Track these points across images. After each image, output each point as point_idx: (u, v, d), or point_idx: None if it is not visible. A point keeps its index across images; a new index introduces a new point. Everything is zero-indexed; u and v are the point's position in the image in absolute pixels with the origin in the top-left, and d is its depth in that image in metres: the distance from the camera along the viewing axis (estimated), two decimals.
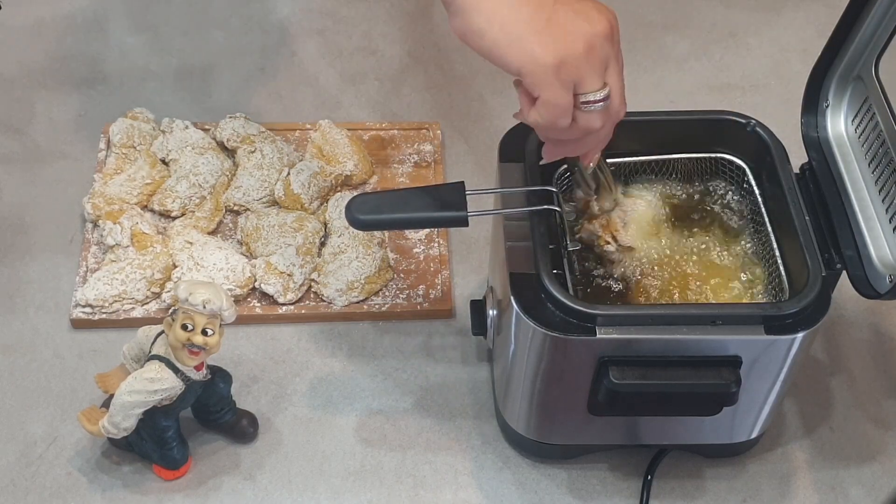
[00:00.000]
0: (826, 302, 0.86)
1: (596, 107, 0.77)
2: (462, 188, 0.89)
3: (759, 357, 0.87)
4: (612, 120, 0.80)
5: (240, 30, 1.44)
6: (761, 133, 0.96)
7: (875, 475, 1.03)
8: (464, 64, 1.40)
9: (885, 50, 0.90)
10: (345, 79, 1.38)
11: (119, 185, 1.19)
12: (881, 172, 0.91)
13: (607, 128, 0.81)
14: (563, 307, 0.85)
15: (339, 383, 1.08)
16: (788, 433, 1.06)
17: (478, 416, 1.06)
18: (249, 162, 1.21)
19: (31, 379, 1.07)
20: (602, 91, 0.77)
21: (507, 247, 0.90)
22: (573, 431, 0.99)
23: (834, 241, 0.91)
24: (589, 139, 0.81)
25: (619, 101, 0.79)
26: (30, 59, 1.38)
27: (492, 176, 0.99)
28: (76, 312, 1.10)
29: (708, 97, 1.37)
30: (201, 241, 1.14)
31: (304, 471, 1.02)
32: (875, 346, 1.13)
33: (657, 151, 0.99)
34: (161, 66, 1.38)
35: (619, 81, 0.79)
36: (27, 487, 0.99)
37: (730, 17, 1.48)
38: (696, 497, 1.01)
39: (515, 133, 0.97)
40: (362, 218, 0.88)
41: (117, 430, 0.93)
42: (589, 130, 0.79)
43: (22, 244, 1.18)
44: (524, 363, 0.90)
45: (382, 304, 1.13)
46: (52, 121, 1.31)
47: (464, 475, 1.02)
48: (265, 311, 1.12)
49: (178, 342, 0.90)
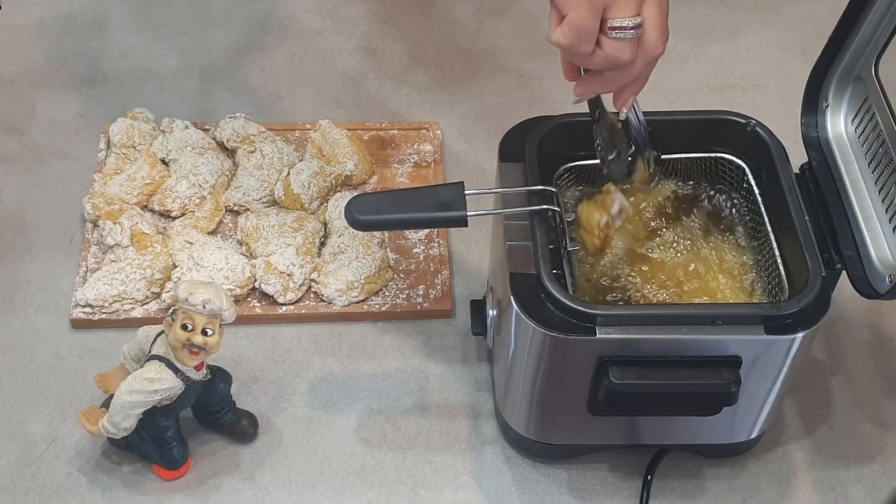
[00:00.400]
0: (826, 302, 0.86)
1: (625, 34, 0.73)
2: (461, 188, 0.89)
3: (759, 357, 0.87)
4: (645, 56, 0.75)
5: (240, 30, 1.44)
6: (761, 133, 0.96)
7: (875, 475, 1.03)
8: (464, 64, 1.40)
9: (885, 50, 0.90)
10: (345, 79, 1.38)
11: (119, 185, 1.19)
12: (881, 172, 0.91)
13: (639, 64, 0.76)
14: (563, 307, 0.85)
15: (339, 383, 1.08)
16: (788, 433, 1.06)
17: (478, 416, 1.06)
18: (249, 162, 1.21)
19: (31, 379, 1.07)
20: (633, 19, 0.72)
21: (507, 247, 0.90)
22: (573, 431, 0.99)
23: (834, 241, 0.91)
24: (618, 75, 0.77)
25: (656, 37, 0.75)
26: (30, 59, 1.38)
27: (492, 176, 0.99)
28: (76, 312, 1.10)
29: (708, 97, 1.37)
30: (201, 241, 1.14)
31: (304, 471, 1.02)
32: (875, 346, 1.13)
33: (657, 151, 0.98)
34: (161, 66, 1.38)
35: (658, 16, 0.74)
36: (27, 487, 1.00)
37: (730, 17, 1.49)
38: (696, 497, 1.01)
39: (515, 133, 0.97)
40: (362, 218, 0.88)
41: (117, 430, 0.93)
42: (615, 61, 0.74)
43: (22, 244, 1.18)
44: (524, 363, 0.90)
45: (382, 304, 1.13)
46: (52, 121, 1.31)
47: (464, 475, 1.02)
48: (265, 311, 1.12)
49: (178, 342, 0.90)
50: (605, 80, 0.78)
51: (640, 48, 0.75)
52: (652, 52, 0.75)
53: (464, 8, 1.48)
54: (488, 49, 1.41)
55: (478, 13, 1.47)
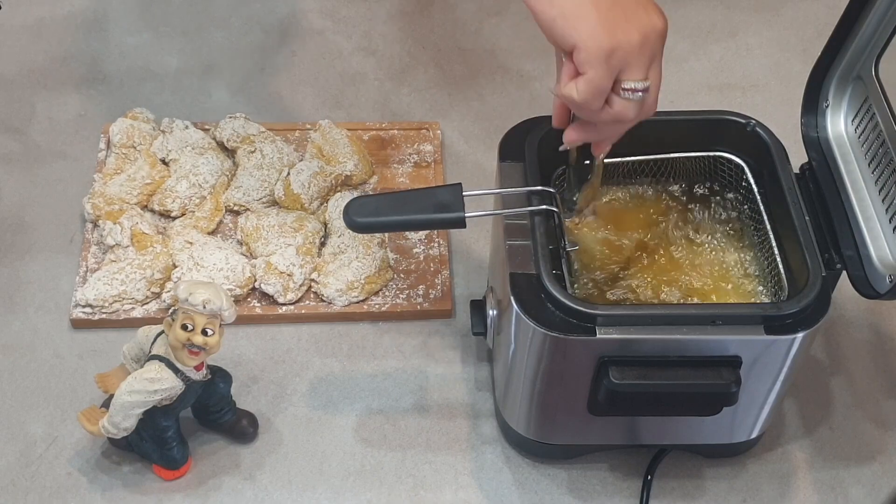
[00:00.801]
0: (826, 302, 0.86)
1: (635, 96, 0.78)
2: (459, 190, 0.89)
3: (759, 357, 0.87)
4: (643, 114, 0.81)
5: (240, 30, 1.44)
6: (761, 133, 0.96)
7: (875, 475, 1.03)
8: (464, 64, 1.40)
9: (885, 50, 0.90)
10: (345, 79, 1.38)
11: (119, 185, 1.19)
12: (881, 172, 0.91)
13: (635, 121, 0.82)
14: (563, 307, 0.85)
15: (339, 383, 1.08)
16: (788, 433, 1.06)
17: (478, 416, 1.06)
18: (249, 162, 1.21)
19: (31, 379, 1.07)
20: (644, 82, 0.78)
21: (507, 247, 0.90)
22: (573, 431, 0.99)
23: (834, 241, 0.91)
24: (614, 127, 0.82)
25: (653, 99, 0.81)
26: (30, 59, 1.38)
27: (492, 176, 0.99)
28: (76, 312, 1.10)
29: (708, 97, 1.37)
30: (201, 241, 1.14)
31: (304, 471, 1.02)
32: (875, 346, 1.13)
33: (657, 151, 0.99)
34: (161, 66, 1.38)
35: (659, 78, 0.80)
36: (27, 487, 1.00)
37: (730, 17, 1.48)
38: (696, 497, 1.01)
39: (515, 133, 0.97)
40: (360, 221, 0.88)
41: (117, 430, 0.93)
42: (621, 118, 0.80)
43: (22, 244, 1.18)
44: (524, 363, 0.90)
45: (382, 304, 1.13)
46: (52, 121, 1.31)
47: (464, 475, 1.02)
48: (265, 311, 1.12)
49: (178, 342, 0.90)
50: (599, 131, 0.84)
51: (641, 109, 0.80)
52: (649, 112, 0.82)
53: (464, 8, 1.48)
54: (488, 49, 1.41)
55: (478, 13, 1.47)
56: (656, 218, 0.98)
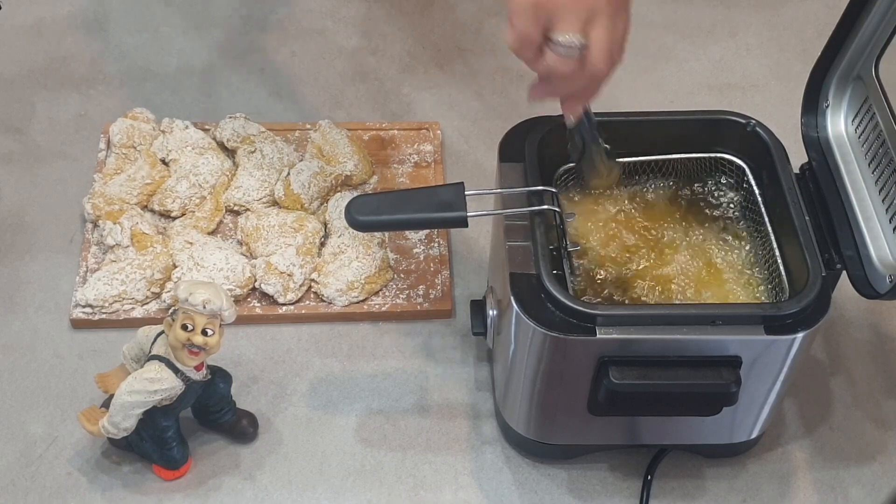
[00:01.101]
0: (826, 302, 0.86)
1: (562, 51, 0.76)
2: (461, 189, 0.89)
3: (759, 357, 0.87)
4: (588, 74, 0.78)
5: (240, 30, 1.44)
6: (761, 133, 0.96)
7: (875, 475, 1.03)
8: (464, 64, 1.40)
9: (885, 50, 0.90)
10: (345, 79, 1.38)
11: (119, 185, 1.19)
12: (881, 172, 0.91)
13: (581, 80, 0.79)
14: (563, 307, 0.85)
15: (339, 383, 1.08)
16: (788, 433, 1.06)
17: (478, 416, 1.06)
18: (249, 162, 1.21)
19: (31, 379, 1.07)
20: (573, 37, 0.76)
21: (507, 247, 0.90)
22: (573, 431, 0.99)
23: (834, 241, 0.91)
24: (561, 83, 0.80)
25: (601, 59, 0.77)
26: (30, 59, 1.38)
27: (492, 176, 0.99)
28: (76, 312, 1.10)
29: (708, 97, 1.37)
30: (201, 241, 1.14)
31: (304, 471, 1.02)
32: (875, 346, 1.13)
33: (657, 151, 0.99)
34: (161, 66, 1.38)
35: (605, 38, 0.77)
36: (27, 487, 1.00)
37: (730, 17, 1.49)
38: (696, 497, 1.01)
39: (515, 133, 0.97)
40: (362, 219, 0.88)
41: (117, 430, 0.93)
42: (554, 72, 0.78)
43: (22, 244, 1.18)
44: (524, 363, 0.90)
45: (382, 304, 1.13)
46: (52, 121, 1.31)
47: (464, 475, 1.02)
48: (265, 311, 1.12)
49: (178, 342, 0.90)
50: (552, 88, 0.82)
51: (584, 66, 0.78)
52: (594, 72, 0.78)
53: (464, 8, 1.48)
54: (488, 49, 1.41)
55: (478, 13, 1.47)
56: (656, 218, 0.98)
